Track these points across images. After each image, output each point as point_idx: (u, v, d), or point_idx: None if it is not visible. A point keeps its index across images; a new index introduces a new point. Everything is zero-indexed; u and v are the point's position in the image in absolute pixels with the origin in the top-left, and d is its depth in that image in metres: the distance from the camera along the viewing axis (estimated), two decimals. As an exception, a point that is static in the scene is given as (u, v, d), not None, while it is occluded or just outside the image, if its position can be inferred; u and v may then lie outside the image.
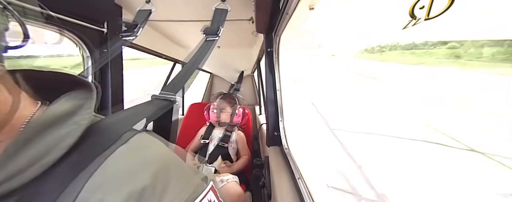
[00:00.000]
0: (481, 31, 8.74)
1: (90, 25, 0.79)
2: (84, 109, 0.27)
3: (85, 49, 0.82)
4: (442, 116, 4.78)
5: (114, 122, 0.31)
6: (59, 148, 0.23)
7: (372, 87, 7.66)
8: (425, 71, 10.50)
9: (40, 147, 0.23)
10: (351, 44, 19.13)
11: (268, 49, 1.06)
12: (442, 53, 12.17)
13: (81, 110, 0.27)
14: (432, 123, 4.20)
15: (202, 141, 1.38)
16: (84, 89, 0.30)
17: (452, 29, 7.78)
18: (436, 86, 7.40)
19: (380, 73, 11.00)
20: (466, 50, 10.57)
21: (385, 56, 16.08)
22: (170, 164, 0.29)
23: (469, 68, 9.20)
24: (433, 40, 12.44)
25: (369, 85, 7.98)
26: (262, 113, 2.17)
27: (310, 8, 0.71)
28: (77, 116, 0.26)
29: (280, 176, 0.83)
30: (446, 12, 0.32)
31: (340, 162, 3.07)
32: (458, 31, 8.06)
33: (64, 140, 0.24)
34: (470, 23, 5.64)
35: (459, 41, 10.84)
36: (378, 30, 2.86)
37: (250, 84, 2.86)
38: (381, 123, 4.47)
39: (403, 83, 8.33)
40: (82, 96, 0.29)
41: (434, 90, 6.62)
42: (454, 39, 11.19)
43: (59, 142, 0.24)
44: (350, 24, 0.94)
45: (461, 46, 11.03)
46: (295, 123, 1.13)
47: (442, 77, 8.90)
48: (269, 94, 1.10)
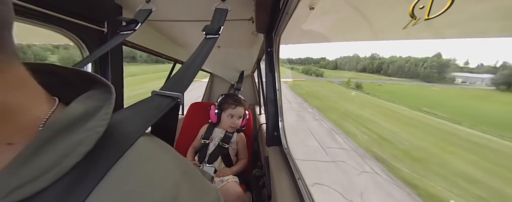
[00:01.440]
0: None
1: (90, 25, 0.79)
2: (102, 113, 0.26)
3: (85, 49, 0.82)
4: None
5: (125, 124, 0.29)
6: (74, 155, 0.22)
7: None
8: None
9: (56, 153, 0.21)
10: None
11: (268, 49, 1.06)
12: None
13: (98, 114, 0.25)
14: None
15: (203, 141, 1.38)
16: (102, 89, 0.28)
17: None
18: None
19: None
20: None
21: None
22: (187, 172, 0.28)
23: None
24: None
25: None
26: (262, 113, 2.17)
27: (310, 8, 0.71)
28: (94, 120, 0.24)
29: (280, 176, 0.83)
30: (446, 12, 0.32)
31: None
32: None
33: (79, 147, 0.22)
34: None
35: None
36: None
37: (250, 84, 2.86)
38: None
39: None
40: (100, 97, 0.27)
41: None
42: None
43: (74, 148, 0.22)
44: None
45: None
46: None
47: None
48: (269, 94, 1.10)
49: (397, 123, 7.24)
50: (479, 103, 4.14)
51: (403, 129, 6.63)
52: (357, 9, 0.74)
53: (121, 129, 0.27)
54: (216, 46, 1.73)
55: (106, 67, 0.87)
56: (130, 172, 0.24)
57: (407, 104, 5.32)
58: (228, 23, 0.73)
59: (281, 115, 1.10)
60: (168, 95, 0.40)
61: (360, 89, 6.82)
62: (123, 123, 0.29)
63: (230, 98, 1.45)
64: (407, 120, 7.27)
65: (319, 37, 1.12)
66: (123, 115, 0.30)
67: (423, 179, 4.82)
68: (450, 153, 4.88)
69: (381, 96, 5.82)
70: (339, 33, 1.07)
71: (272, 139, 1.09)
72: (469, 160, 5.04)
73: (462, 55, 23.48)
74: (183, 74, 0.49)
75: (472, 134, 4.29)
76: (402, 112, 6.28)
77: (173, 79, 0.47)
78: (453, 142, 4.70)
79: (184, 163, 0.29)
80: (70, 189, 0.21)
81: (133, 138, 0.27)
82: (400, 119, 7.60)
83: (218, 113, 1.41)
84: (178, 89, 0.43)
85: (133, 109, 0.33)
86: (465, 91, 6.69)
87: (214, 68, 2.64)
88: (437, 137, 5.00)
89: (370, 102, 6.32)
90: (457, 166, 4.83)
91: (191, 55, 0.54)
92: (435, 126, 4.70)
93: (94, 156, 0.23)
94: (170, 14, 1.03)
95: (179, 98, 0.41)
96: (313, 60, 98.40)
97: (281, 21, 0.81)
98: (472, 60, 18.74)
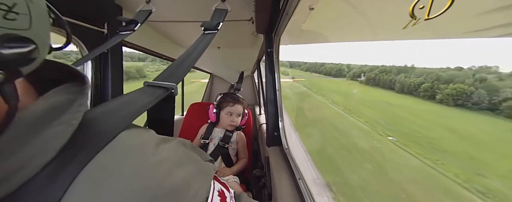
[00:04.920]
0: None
1: (90, 25, 0.79)
2: (76, 105, 0.25)
3: (85, 50, 0.82)
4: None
5: (106, 117, 0.27)
6: (48, 150, 0.21)
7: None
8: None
9: (28, 149, 0.20)
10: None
11: (268, 49, 1.07)
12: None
13: (72, 106, 0.24)
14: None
15: (202, 141, 1.38)
16: (77, 82, 0.27)
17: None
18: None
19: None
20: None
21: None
22: (182, 159, 0.28)
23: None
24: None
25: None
26: (262, 113, 2.17)
27: (310, 8, 0.71)
28: (67, 113, 0.23)
29: (280, 176, 0.83)
30: (446, 12, 0.32)
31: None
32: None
33: (52, 141, 0.21)
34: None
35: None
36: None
37: (250, 85, 2.87)
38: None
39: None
40: (74, 90, 0.26)
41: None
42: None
43: (48, 143, 0.21)
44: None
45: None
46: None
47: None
48: (269, 94, 1.10)
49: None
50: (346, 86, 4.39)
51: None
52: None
53: (101, 123, 0.26)
54: (216, 47, 1.74)
55: (106, 67, 0.87)
56: (108, 168, 0.22)
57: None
58: (228, 23, 0.73)
59: (281, 115, 1.10)
60: (161, 86, 0.38)
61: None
62: (103, 115, 0.27)
63: (228, 96, 1.45)
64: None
65: (320, 37, 1.12)
66: (105, 108, 0.29)
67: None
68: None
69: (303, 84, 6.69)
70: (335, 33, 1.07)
71: (272, 139, 1.10)
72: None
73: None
74: (178, 66, 0.47)
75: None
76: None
77: (168, 71, 0.45)
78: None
79: (177, 151, 0.29)
80: (43, 188, 0.20)
81: (113, 132, 0.25)
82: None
83: (216, 112, 1.42)
84: (172, 80, 0.41)
85: (118, 100, 0.31)
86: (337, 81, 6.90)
87: (214, 69, 2.64)
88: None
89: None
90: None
91: (188, 49, 0.53)
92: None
93: (70, 150, 0.22)
94: (170, 14, 1.03)
95: (173, 89, 0.39)
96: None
97: (281, 21, 0.81)
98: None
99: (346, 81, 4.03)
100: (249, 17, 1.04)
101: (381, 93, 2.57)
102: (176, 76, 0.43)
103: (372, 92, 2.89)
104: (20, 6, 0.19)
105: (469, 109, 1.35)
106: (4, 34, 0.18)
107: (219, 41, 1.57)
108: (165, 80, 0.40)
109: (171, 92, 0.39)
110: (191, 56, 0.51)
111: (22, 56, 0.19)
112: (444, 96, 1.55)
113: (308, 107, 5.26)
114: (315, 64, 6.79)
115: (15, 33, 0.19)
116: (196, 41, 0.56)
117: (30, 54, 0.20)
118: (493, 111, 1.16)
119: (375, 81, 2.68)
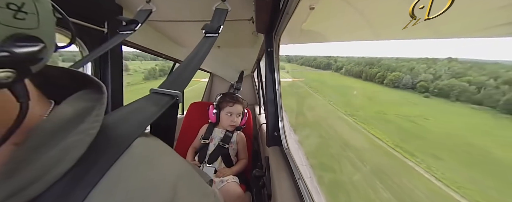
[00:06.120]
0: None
1: (90, 25, 0.79)
2: (94, 114, 0.25)
3: (85, 49, 0.82)
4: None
5: (120, 125, 0.27)
6: (66, 160, 0.21)
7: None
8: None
9: (46, 159, 0.20)
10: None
11: (268, 49, 1.06)
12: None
13: (90, 115, 0.24)
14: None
15: (202, 141, 1.38)
16: (92, 88, 0.27)
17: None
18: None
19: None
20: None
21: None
22: (184, 174, 0.28)
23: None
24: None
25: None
26: (262, 113, 2.17)
27: (310, 8, 0.71)
28: (86, 122, 0.23)
29: (280, 176, 0.83)
30: (446, 12, 0.32)
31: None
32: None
33: (71, 151, 0.21)
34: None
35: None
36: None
37: (250, 84, 2.86)
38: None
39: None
40: (91, 97, 0.26)
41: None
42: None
43: (66, 153, 0.21)
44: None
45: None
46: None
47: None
48: (269, 94, 1.10)
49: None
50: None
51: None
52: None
53: (116, 131, 0.26)
54: (216, 46, 1.74)
55: (106, 67, 0.87)
56: (125, 177, 0.23)
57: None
58: (228, 23, 0.73)
59: (281, 115, 1.10)
60: (167, 93, 0.39)
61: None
62: (117, 123, 0.27)
63: (228, 96, 1.45)
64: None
65: (320, 37, 1.12)
66: (118, 115, 0.29)
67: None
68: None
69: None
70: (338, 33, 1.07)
71: (272, 139, 1.09)
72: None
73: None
74: (182, 72, 0.48)
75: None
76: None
77: (172, 77, 0.46)
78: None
79: (181, 165, 0.29)
80: (61, 199, 0.20)
81: (129, 140, 0.26)
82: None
83: (216, 113, 1.41)
84: (176, 87, 0.42)
85: (129, 108, 0.32)
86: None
87: (214, 68, 2.64)
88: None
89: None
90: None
91: (190, 53, 0.53)
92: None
93: (87, 161, 0.22)
94: (170, 14, 1.03)
95: (178, 97, 0.40)
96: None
97: (281, 21, 0.81)
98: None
99: (330, 73, 5.71)
100: (249, 17, 1.04)
101: (351, 80, 3.85)
102: (180, 83, 0.44)
103: (343, 80, 4.42)
104: (28, 5, 0.20)
105: (400, 88, 2.22)
106: (15, 33, 0.18)
107: (219, 41, 1.57)
108: (170, 87, 0.41)
109: (177, 100, 0.40)
110: (194, 61, 0.51)
111: (32, 55, 0.20)
112: (388, 81, 2.40)
113: (294, 90, 6.87)
114: (309, 59, 7.43)
115: (25, 32, 0.19)
116: (198, 45, 0.56)
117: (39, 53, 0.20)
118: (413, 89, 2.00)
119: (350, 72, 3.88)
